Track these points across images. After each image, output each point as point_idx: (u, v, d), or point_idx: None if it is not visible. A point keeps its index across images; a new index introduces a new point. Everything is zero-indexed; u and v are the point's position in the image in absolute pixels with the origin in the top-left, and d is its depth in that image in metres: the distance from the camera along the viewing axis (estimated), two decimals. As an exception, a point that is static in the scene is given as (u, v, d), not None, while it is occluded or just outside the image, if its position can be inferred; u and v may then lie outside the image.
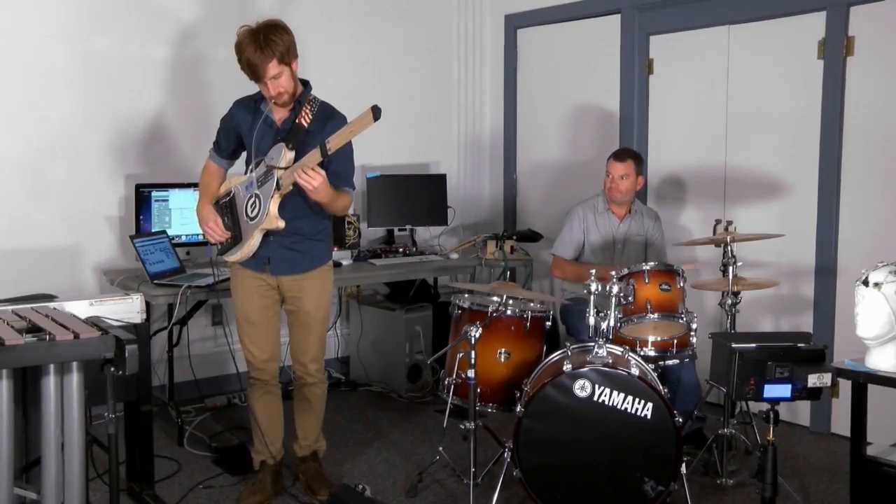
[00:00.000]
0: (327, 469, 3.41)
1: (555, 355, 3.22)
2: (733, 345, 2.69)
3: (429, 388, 4.62)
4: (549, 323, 3.45)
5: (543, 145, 5.18)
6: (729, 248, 3.45)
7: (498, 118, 5.42)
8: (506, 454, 3.08)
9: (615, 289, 3.16)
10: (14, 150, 3.87)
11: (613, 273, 3.31)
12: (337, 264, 4.22)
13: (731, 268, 3.45)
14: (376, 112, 2.67)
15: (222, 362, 4.41)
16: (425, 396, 4.57)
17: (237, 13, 3.75)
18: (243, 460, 3.47)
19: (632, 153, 4.01)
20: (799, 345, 2.69)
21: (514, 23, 5.25)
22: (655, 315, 3.35)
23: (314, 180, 2.81)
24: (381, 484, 3.44)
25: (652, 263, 3.47)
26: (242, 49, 2.87)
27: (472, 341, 3.08)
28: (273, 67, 2.87)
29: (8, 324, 2.32)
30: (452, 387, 3.29)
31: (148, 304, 3.38)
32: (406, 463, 3.66)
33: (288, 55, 2.91)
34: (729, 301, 3.47)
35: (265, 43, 2.85)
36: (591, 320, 3.12)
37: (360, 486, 3.24)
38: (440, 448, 3.42)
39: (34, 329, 2.31)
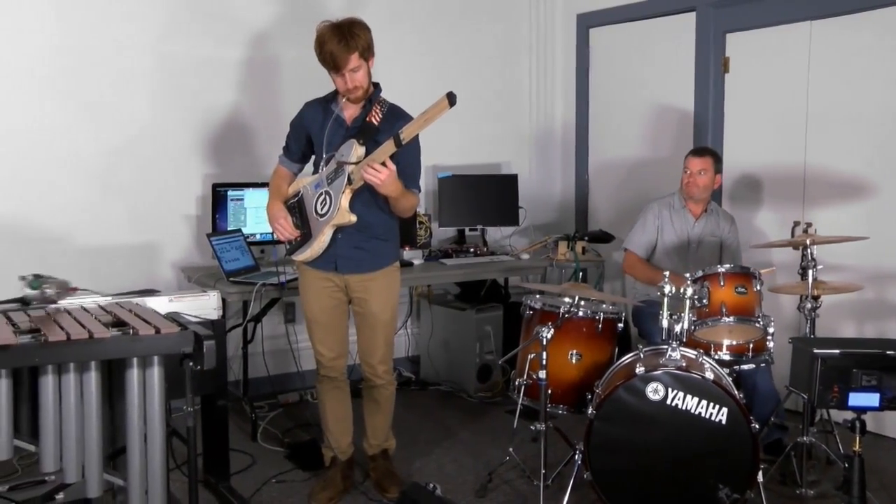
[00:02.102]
0: (397, 467, 3.44)
1: (627, 357, 3.17)
2: (815, 350, 2.61)
3: (499, 389, 4.61)
4: (621, 325, 3.41)
5: (615, 145, 5.12)
6: (808, 250, 3.35)
7: (569, 118, 5.38)
8: (576, 456, 3.05)
9: (689, 291, 3.10)
10: (97, 150, 4.00)
11: (688, 275, 3.25)
12: (408, 264, 4.25)
13: (810, 271, 3.35)
14: (452, 98, 2.66)
15: (294, 359, 4.48)
16: (495, 397, 4.56)
17: (308, 15, 3.81)
18: (315, 456, 3.52)
19: (710, 150, 3.98)
20: (888, 352, 2.59)
21: (586, 22, 5.21)
22: (731, 318, 3.28)
23: (381, 174, 2.82)
24: (451, 483, 3.44)
25: (728, 266, 3.40)
26: (325, 41, 2.91)
27: (544, 342, 3.06)
28: (354, 60, 2.91)
29: (95, 318, 2.41)
30: (523, 387, 3.28)
31: (223, 301, 3.45)
32: (475, 463, 3.66)
33: (367, 51, 2.96)
34: (808, 305, 3.37)
35: (349, 35, 2.90)
36: (665, 323, 3.07)
37: (431, 485, 3.25)
38: (510, 449, 3.41)
39: (119, 323, 2.39)
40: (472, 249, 4.69)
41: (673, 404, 2.87)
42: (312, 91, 3.25)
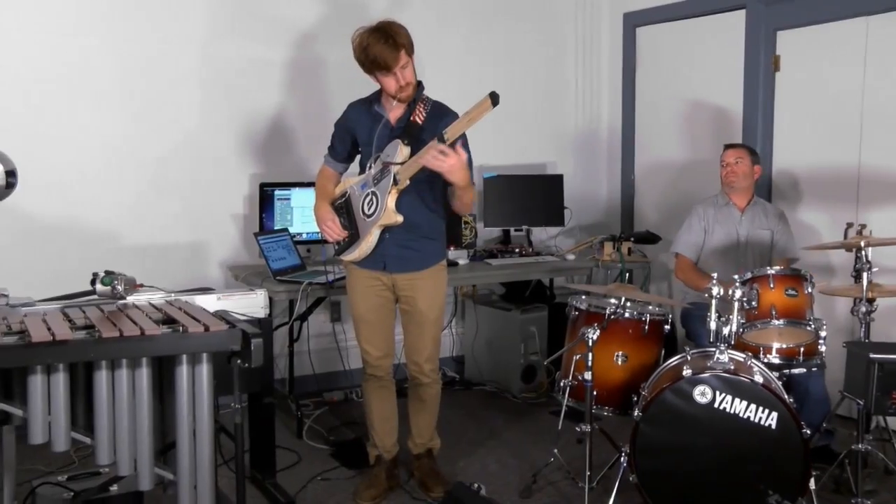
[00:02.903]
0: (441, 467, 3.44)
1: (674, 360, 3.14)
2: (872, 355, 2.55)
3: (543, 390, 4.60)
4: (667, 326, 3.37)
5: (662, 145, 5.06)
6: (863, 252, 3.27)
7: (615, 118, 5.34)
8: (622, 458, 3.03)
9: (738, 293, 3.06)
10: (147, 151, 4.08)
11: (736, 277, 3.20)
12: (453, 264, 4.26)
13: (865, 273, 3.27)
14: (495, 98, 2.66)
15: (339, 358, 4.51)
16: (539, 398, 4.55)
17: (352, 16, 3.84)
18: (359, 454, 3.54)
19: (742, 144, 4.01)
20: (949, 358, 2.52)
21: (633, 21, 5.16)
22: (781, 321, 3.22)
23: (449, 158, 2.81)
24: (495, 483, 3.44)
25: (777, 268, 3.34)
26: (368, 45, 2.93)
27: (590, 343, 3.04)
28: (402, 57, 2.94)
29: (147, 315, 2.45)
30: (568, 389, 3.26)
31: (270, 299, 3.49)
32: (519, 463, 3.65)
33: (411, 48, 2.98)
34: (863, 309, 3.29)
35: (393, 35, 2.91)
36: (713, 325, 3.03)
37: (476, 485, 3.25)
38: (554, 450, 3.39)
39: (169, 321, 2.43)
40: (517, 250, 4.68)
41: (721, 407, 2.83)
42: (357, 91, 3.27)
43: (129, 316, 2.43)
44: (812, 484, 2.81)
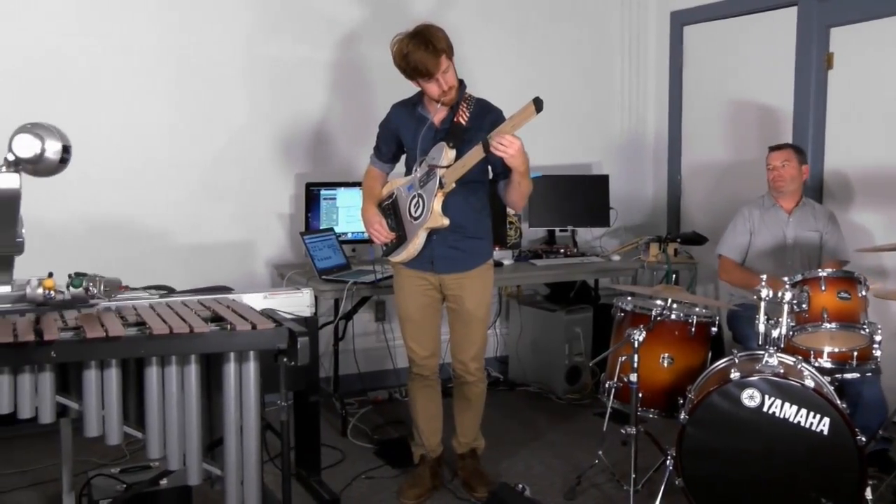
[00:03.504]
0: (485, 467, 3.44)
1: (721, 362, 3.09)
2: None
3: (588, 391, 4.57)
4: (714, 328, 3.32)
5: (709, 145, 5.00)
6: (919, 254, 3.19)
7: (662, 117, 5.28)
8: (668, 462, 2.99)
9: (788, 295, 3.00)
10: (195, 152, 4.15)
11: (786, 279, 3.15)
12: (498, 264, 4.25)
13: (921, 276, 3.19)
14: (538, 104, 2.65)
15: (384, 357, 4.54)
16: (584, 399, 4.52)
17: (396, 15, 3.87)
18: (403, 453, 3.56)
19: (788, 143, 3.92)
20: None
21: (681, 19, 5.10)
22: (833, 325, 3.15)
23: (515, 144, 2.80)
24: (539, 485, 3.43)
25: (829, 270, 3.27)
26: (408, 52, 2.93)
27: (636, 345, 3.02)
28: (443, 62, 2.94)
29: (195, 313, 2.49)
30: (613, 390, 3.24)
31: (315, 298, 3.52)
32: (564, 465, 3.64)
33: (450, 51, 2.98)
34: (918, 312, 3.21)
35: (432, 40, 2.92)
36: (761, 327, 2.98)
37: (520, 486, 3.24)
38: (599, 452, 3.37)
39: (217, 319, 2.47)
40: (562, 250, 4.67)
41: (770, 412, 2.78)
42: (401, 90, 3.28)
43: (178, 313, 2.48)
44: (868, 493, 2.74)
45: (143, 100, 4.01)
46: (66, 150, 2.34)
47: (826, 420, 2.73)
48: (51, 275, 2.42)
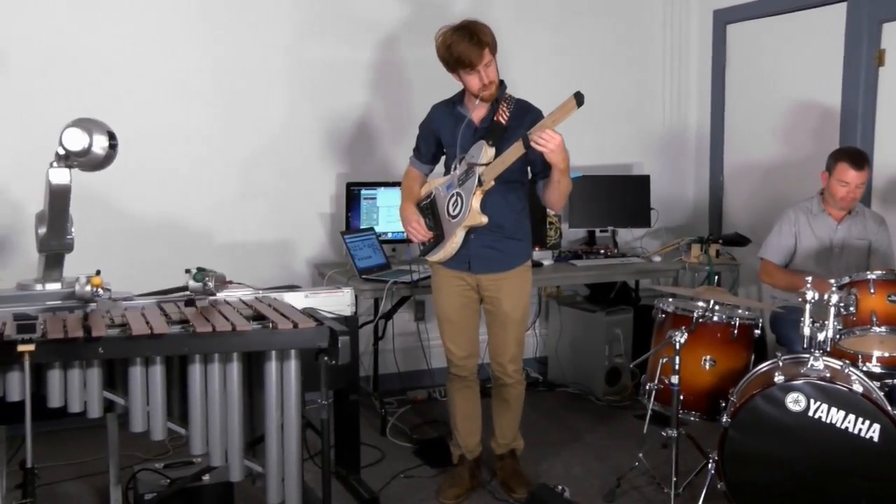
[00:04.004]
0: (524, 468, 3.43)
1: (764, 365, 3.04)
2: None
3: (627, 393, 4.53)
4: (757, 331, 3.28)
5: (752, 145, 4.92)
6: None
7: (704, 117, 5.22)
8: (710, 465, 2.96)
9: (834, 298, 2.94)
10: (238, 152, 4.20)
11: (832, 281, 3.09)
12: (538, 264, 4.24)
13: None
14: (579, 98, 2.64)
15: (423, 357, 4.55)
16: (624, 401, 4.48)
17: (436, 15, 3.87)
18: (442, 453, 3.56)
19: (865, 157, 3.69)
20: None
21: (724, 18, 5.03)
22: (882, 328, 3.08)
23: (551, 142, 2.79)
24: (578, 486, 3.41)
25: (879, 272, 3.19)
26: (452, 43, 2.94)
27: (677, 346, 2.99)
28: (486, 55, 2.95)
29: (238, 312, 2.52)
30: (654, 392, 3.21)
31: (355, 298, 3.54)
32: (603, 467, 3.61)
33: (495, 47, 2.99)
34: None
35: (477, 33, 2.93)
36: (807, 330, 2.92)
37: (560, 487, 3.23)
38: (639, 454, 3.34)
39: (259, 317, 2.50)
40: (602, 251, 4.64)
41: (816, 416, 2.73)
42: (440, 91, 3.28)
43: (220, 312, 2.51)
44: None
45: (188, 101, 4.07)
46: (112, 144, 2.39)
47: (876, 426, 2.67)
48: (98, 273, 2.47)
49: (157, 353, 2.31)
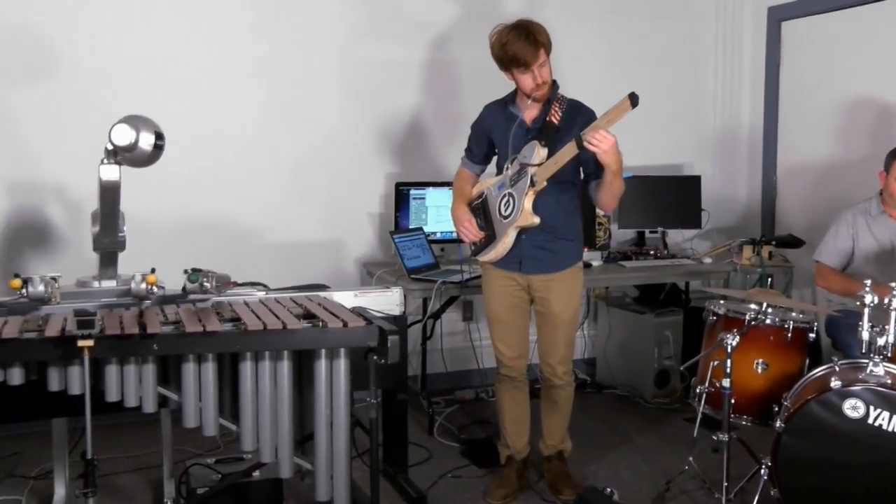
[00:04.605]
0: (572, 469, 3.41)
1: (820, 370, 2.97)
2: None
3: (677, 396, 4.48)
4: (812, 335, 3.21)
5: (807, 144, 4.82)
6: None
7: (757, 116, 5.13)
8: (762, 471, 2.91)
9: None
10: (288, 152, 4.25)
11: (894, 285, 3.00)
12: (586, 265, 4.20)
13: None
14: (634, 99, 2.62)
15: (471, 357, 4.55)
16: (673, 403, 4.43)
17: (487, 16, 3.87)
18: (490, 454, 3.56)
19: None
20: None
21: (778, 15, 4.94)
22: (947, 334, 2.99)
23: (604, 142, 2.77)
24: (627, 489, 3.38)
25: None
26: (507, 42, 2.94)
27: (729, 349, 2.94)
28: (541, 55, 2.94)
29: (288, 310, 2.55)
30: (704, 395, 3.16)
31: (404, 297, 3.55)
32: (652, 470, 3.57)
33: (549, 47, 2.98)
34: None
35: (533, 32, 2.93)
36: (865, 335, 2.84)
37: (608, 490, 3.20)
38: (689, 458, 3.29)
39: (309, 316, 2.52)
40: (651, 252, 4.59)
41: (876, 424, 2.65)
42: (492, 92, 3.28)
43: (272, 310, 2.54)
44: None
45: (240, 101, 4.13)
46: (158, 141, 2.44)
47: (939, 435, 2.59)
48: (153, 271, 2.52)
49: (209, 351, 2.35)
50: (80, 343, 2.13)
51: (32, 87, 3.77)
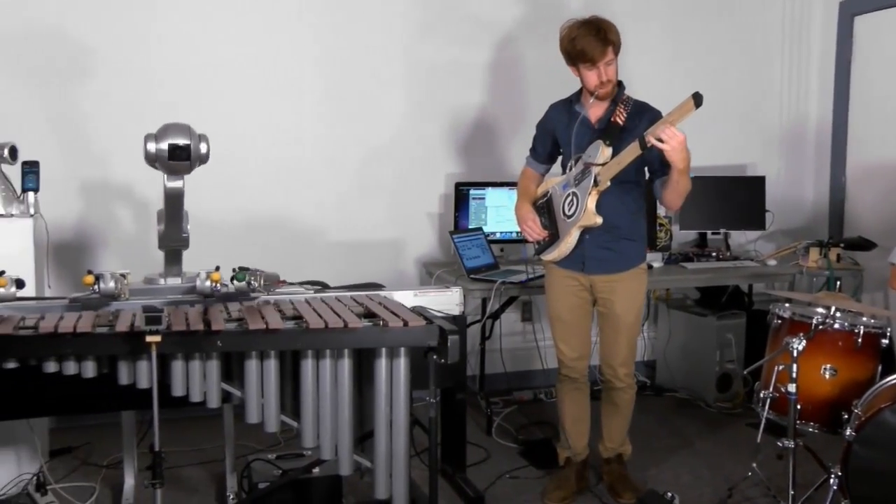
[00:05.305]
0: (631, 473, 3.37)
1: (894, 377, 2.88)
2: None
3: (739, 400, 4.39)
4: (885, 341, 3.10)
5: (879, 143, 4.67)
6: None
7: (825, 115, 5.00)
8: (832, 481, 2.83)
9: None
10: (352, 152, 4.29)
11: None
12: (648, 266, 4.15)
13: None
14: (698, 99, 2.58)
15: (530, 357, 4.53)
16: (735, 408, 4.35)
17: (551, 15, 3.85)
18: (548, 455, 3.54)
19: None
20: None
21: (850, 10, 4.80)
22: None
23: (673, 139, 2.73)
24: (688, 495, 3.32)
25: None
26: (577, 37, 2.93)
27: (795, 354, 2.87)
28: (609, 53, 2.93)
29: (349, 309, 2.57)
30: (769, 400, 3.09)
31: (463, 297, 3.56)
32: (714, 476, 3.51)
33: (618, 47, 2.96)
34: None
35: (604, 29, 2.91)
36: (942, 342, 2.76)
37: (669, 495, 3.16)
38: (753, 464, 3.22)
39: (370, 315, 2.54)
40: (714, 253, 4.51)
41: (951, 433, 2.57)
42: (556, 91, 3.26)
43: (333, 309, 2.56)
44: None
45: (302, 101, 4.18)
46: (180, 148, 2.47)
47: None
48: (217, 269, 2.57)
49: (271, 348, 2.38)
50: (149, 339, 2.18)
51: (101, 92, 3.88)
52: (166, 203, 2.61)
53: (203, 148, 2.53)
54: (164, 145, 2.49)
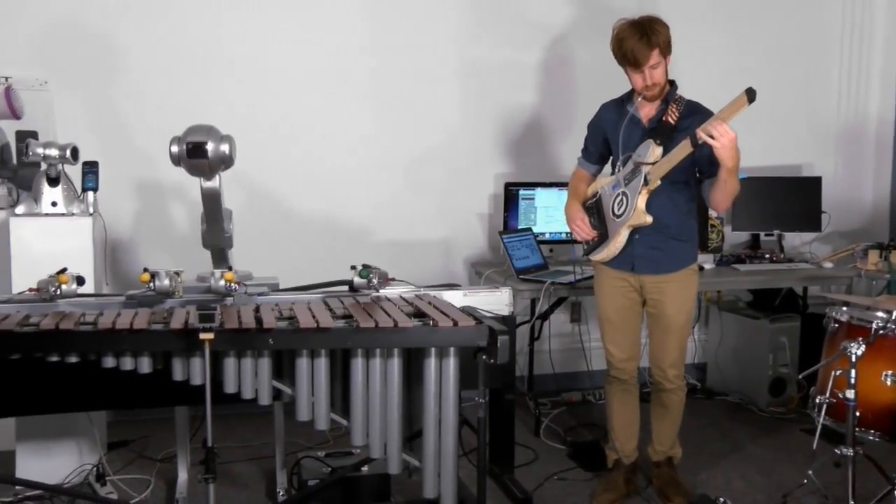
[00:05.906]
0: (682, 477, 3.33)
1: (957, 384, 2.80)
2: None
3: (793, 405, 4.30)
4: (949, 347, 3.02)
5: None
6: None
7: (887, 113, 4.87)
8: (895, 492, 2.75)
9: None
10: (403, 151, 4.30)
11: None
12: (699, 268, 4.09)
13: None
14: (751, 95, 2.55)
15: (578, 358, 4.50)
16: (788, 413, 4.26)
17: (602, 15, 3.80)
18: (597, 457, 3.51)
19: None
20: None
21: (915, 6, 4.68)
22: None
23: (723, 136, 2.69)
24: (739, 500, 3.27)
25: None
26: (624, 38, 2.90)
27: (853, 359, 2.80)
28: (654, 56, 2.88)
29: (399, 309, 2.59)
30: (825, 406, 3.02)
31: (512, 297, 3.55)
32: (767, 482, 3.44)
33: (667, 48, 2.92)
34: None
35: (650, 32, 2.87)
36: None
37: (721, 500, 3.11)
38: (809, 472, 3.14)
39: (420, 314, 2.55)
40: (767, 255, 4.43)
41: None
42: (606, 92, 3.23)
43: (383, 308, 2.58)
44: None
45: (352, 101, 4.21)
46: (198, 148, 2.48)
47: None
48: (230, 269, 2.62)
49: (322, 346, 2.40)
50: (202, 336, 2.22)
51: (161, 93, 3.95)
52: (204, 203, 2.64)
53: (225, 149, 2.48)
54: (185, 145, 2.49)
